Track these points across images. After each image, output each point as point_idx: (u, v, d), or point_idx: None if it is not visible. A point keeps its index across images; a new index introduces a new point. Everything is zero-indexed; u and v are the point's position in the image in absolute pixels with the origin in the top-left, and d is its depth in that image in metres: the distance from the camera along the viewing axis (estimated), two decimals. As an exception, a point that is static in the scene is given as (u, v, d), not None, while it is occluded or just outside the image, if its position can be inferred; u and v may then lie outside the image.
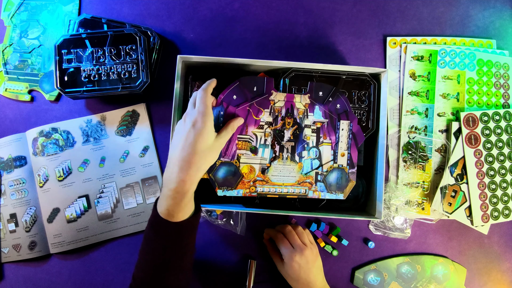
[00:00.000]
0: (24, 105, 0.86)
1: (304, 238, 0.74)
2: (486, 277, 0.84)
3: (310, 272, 0.70)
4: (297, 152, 0.70)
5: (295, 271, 0.70)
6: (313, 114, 0.70)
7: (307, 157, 0.70)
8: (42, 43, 0.87)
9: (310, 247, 0.72)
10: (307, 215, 0.71)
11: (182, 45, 0.87)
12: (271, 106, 0.69)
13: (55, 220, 0.82)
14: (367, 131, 0.74)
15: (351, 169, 0.71)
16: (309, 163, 0.70)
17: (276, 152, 0.69)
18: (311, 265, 0.71)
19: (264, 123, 0.69)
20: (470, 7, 0.88)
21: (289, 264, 0.70)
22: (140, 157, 0.84)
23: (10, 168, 0.84)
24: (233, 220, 0.81)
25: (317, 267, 0.73)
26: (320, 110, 0.70)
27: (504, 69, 0.86)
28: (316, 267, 0.72)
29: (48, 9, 0.87)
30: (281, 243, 0.73)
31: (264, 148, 0.69)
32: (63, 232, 0.82)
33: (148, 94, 0.85)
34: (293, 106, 0.70)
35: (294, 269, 0.70)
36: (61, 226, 0.82)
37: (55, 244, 0.82)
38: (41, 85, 0.85)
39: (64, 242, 0.81)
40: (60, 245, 0.81)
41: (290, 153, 0.70)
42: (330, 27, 0.87)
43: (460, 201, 0.81)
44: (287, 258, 0.71)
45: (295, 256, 0.70)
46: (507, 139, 0.83)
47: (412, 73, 0.85)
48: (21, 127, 0.85)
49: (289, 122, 0.69)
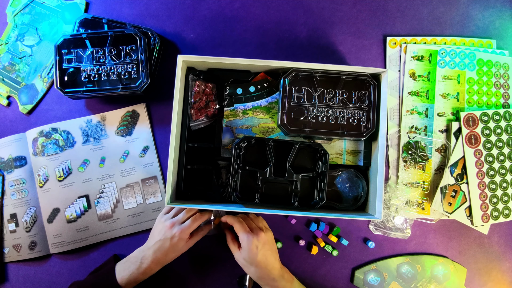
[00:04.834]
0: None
1: (260, 223, 0.74)
2: (486, 277, 0.84)
3: (267, 256, 0.70)
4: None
5: (253, 254, 0.69)
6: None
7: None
8: (33, 54, 0.86)
9: (265, 231, 0.72)
10: (307, 215, 0.71)
11: (182, 45, 0.87)
12: None
13: (55, 220, 0.82)
14: (367, 131, 0.74)
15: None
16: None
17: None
18: (268, 248, 0.71)
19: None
20: (470, 7, 0.88)
21: (248, 248, 0.70)
22: (140, 157, 0.84)
23: (10, 168, 0.84)
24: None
25: (274, 251, 0.72)
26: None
27: (504, 69, 0.86)
28: (273, 251, 0.72)
29: (50, 21, 0.87)
30: (239, 227, 0.72)
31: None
32: (63, 232, 0.82)
33: (148, 94, 0.85)
34: None
35: (253, 252, 0.69)
36: (61, 226, 0.82)
37: (55, 244, 0.82)
38: (19, 95, 0.85)
39: (64, 242, 0.81)
40: (60, 245, 0.82)
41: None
42: (330, 27, 0.87)
43: (460, 201, 0.81)
44: (246, 242, 0.70)
45: (253, 239, 0.69)
46: (507, 139, 0.83)
47: (412, 73, 0.85)
48: (21, 127, 0.85)
49: None
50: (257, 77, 0.78)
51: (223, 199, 0.78)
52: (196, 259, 0.82)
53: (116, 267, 0.72)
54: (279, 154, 0.73)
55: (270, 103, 0.77)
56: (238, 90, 0.77)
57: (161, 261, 0.71)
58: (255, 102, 0.77)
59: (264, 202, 0.73)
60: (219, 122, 0.77)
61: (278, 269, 0.72)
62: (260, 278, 0.71)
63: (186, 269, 0.82)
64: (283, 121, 0.73)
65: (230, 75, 0.78)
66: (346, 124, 0.73)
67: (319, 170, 0.73)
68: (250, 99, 0.77)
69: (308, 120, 0.73)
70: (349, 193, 0.78)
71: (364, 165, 0.77)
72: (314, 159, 0.75)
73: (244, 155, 0.74)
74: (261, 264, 0.70)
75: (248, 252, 0.70)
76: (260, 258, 0.69)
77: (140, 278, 0.71)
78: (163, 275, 0.81)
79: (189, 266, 0.82)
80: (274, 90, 0.77)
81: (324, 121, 0.73)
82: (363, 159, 0.77)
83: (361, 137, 0.73)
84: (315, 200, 0.73)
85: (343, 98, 0.74)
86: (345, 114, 0.74)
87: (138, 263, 0.71)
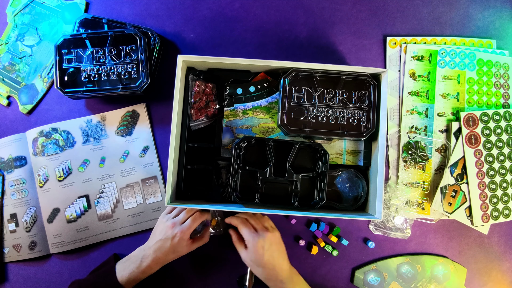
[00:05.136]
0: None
1: (265, 222, 0.73)
2: (486, 277, 0.84)
3: (274, 256, 0.69)
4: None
5: (259, 255, 0.68)
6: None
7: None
8: (33, 54, 0.86)
9: (272, 231, 0.71)
10: (307, 215, 0.71)
11: (182, 45, 0.87)
12: None
13: (55, 220, 0.82)
14: (367, 131, 0.74)
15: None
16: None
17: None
18: (275, 248, 0.69)
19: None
20: (470, 7, 0.88)
21: (253, 249, 0.69)
22: (140, 157, 0.84)
23: (10, 168, 0.84)
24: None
25: (281, 251, 0.71)
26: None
27: (504, 69, 0.86)
28: (280, 251, 0.71)
29: (50, 21, 0.87)
30: (244, 228, 0.71)
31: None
32: (63, 232, 0.82)
33: (148, 94, 0.85)
34: None
35: (259, 253, 0.68)
36: (61, 226, 0.82)
37: (55, 244, 0.82)
38: (19, 95, 0.85)
39: (64, 242, 0.81)
40: (60, 245, 0.82)
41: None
42: (330, 27, 0.87)
43: (460, 201, 0.81)
44: (251, 242, 0.69)
45: (258, 239, 0.68)
46: (507, 139, 0.83)
47: (412, 73, 0.85)
48: (21, 127, 0.85)
49: None
50: (257, 77, 0.78)
51: (223, 199, 0.78)
52: (196, 259, 0.82)
53: (117, 266, 0.72)
54: (279, 154, 0.73)
55: (270, 103, 0.77)
56: (238, 90, 0.77)
57: (161, 260, 0.71)
58: (255, 102, 0.77)
59: (264, 202, 0.73)
60: (219, 122, 0.77)
61: (286, 270, 0.70)
62: (267, 279, 0.70)
63: (186, 269, 0.82)
64: (283, 121, 0.73)
65: (230, 75, 0.78)
66: (346, 124, 0.73)
67: (319, 170, 0.73)
68: (250, 99, 0.77)
69: (308, 120, 0.73)
70: (349, 193, 0.78)
71: (364, 165, 0.77)
72: (314, 159, 0.75)
73: (244, 155, 0.74)
74: (268, 265, 0.68)
75: (254, 253, 0.69)
76: (267, 259, 0.68)
77: (140, 277, 0.71)
78: (163, 275, 0.81)
79: (189, 266, 0.82)
80: (274, 90, 0.77)
81: (324, 121, 0.73)
82: (363, 159, 0.77)
83: (361, 137, 0.73)
84: (315, 200, 0.73)
85: (343, 98, 0.74)
86: (345, 114, 0.74)
87: (138, 262, 0.71)
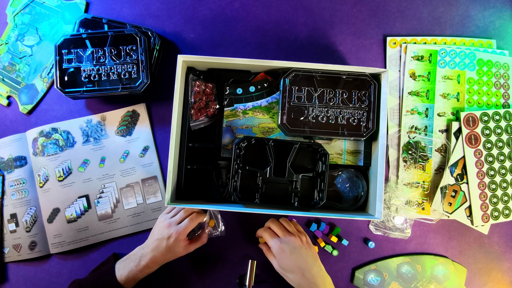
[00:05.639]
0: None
1: (290, 227, 0.73)
2: (486, 277, 0.84)
3: (301, 260, 0.68)
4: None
5: (285, 260, 0.68)
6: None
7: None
8: (33, 54, 0.86)
9: (297, 234, 0.71)
10: (307, 215, 0.71)
11: (182, 45, 0.87)
12: None
13: (55, 220, 0.82)
14: (367, 131, 0.74)
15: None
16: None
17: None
18: (300, 251, 0.68)
19: None
20: (470, 7, 0.88)
21: (278, 255, 0.68)
22: (140, 157, 0.84)
23: (11, 168, 0.84)
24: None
25: (310, 255, 0.69)
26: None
27: (504, 69, 0.86)
28: (309, 255, 0.69)
29: (50, 21, 0.87)
30: (267, 236, 0.71)
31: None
32: (63, 232, 0.82)
33: (148, 94, 0.85)
34: None
35: (284, 259, 0.67)
36: (61, 226, 0.82)
37: (55, 244, 0.82)
38: (19, 95, 0.85)
39: (64, 242, 0.81)
40: (60, 245, 0.82)
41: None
42: (330, 27, 0.87)
43: (460, 201, 0.81)
44: (275, 249, 0.69)
45: (281, 244, 0.68)
46: (507, 139, 0.83)
47: (412, 73, 0.85)
48: (21, 127, 0.85)
49: None
50: (257, 77, 0.78)
51: (223, 199, 0.78)
52: (196, 259, 0.82)
53: (116, 265, 0.73)
54: (279, 154, 0.73)
55: (270, 103, 0.77)
56: (238, 90, 0.77)
57: (159, 260, 0.71)
58: (255, 102, 0.77)
59: (264, 202, 0.72)
60: (219, 122, 0.77)
61: (319, 276, 0.68)
62: (299, 285, 0.68)
63: (186, 269, 0.82)
64: (283, 121, 0.73)
65: (230, 75, 0.78)
66: (346, 124, 0.73)
67: (319, 170, 0.73)
68: (250, 99, 0.77)
69: (308, 120, 0.73)
70: (349, 193, 0.78)
71: (364, 165, 0.77)
72: (314, 159, 0.75)
73: (244, 155, 0.74)
74: (296, 270, 0.67)
75: (280, 259, 0.68)
76: (294, 263, 0.67)
77: (139, 276, 0.71)
78: (163, 275, 0.81)
79: (189, 266, 0.82)
80: (274, 90, 0.77)
81: (324, 121, 0.73)
82: (363, 159, 0.77)
83: (361, 137, 0.73)
84: (315, 200, 0.73)
85: (343, 98, 0.74)
86: (345, 114, 0.74)
87: (137, 261, 0.71)
